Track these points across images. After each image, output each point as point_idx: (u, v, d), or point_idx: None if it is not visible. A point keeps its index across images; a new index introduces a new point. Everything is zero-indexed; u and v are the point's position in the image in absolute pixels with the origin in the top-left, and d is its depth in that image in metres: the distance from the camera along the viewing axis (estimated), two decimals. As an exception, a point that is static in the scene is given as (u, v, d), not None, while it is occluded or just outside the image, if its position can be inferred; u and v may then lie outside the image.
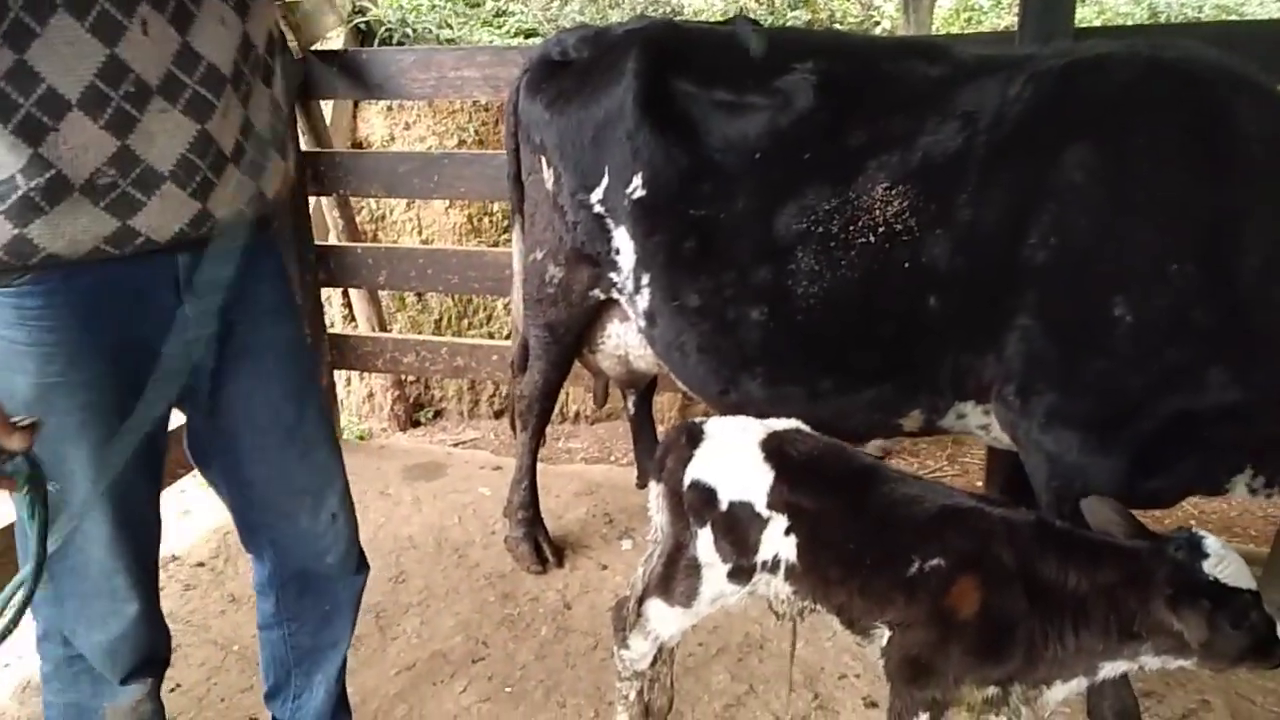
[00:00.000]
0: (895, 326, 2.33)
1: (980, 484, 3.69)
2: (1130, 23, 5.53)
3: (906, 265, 2.26)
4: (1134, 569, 1.73)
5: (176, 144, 1.54)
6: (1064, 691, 1.86)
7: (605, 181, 2.57)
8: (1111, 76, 2.18)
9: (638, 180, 2.50)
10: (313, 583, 2.06)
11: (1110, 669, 1.82)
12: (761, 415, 2.24)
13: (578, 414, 5.15)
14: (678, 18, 6.01)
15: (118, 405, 1.62)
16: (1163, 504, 2.34)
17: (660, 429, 3.79)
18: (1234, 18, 5.44)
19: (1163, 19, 5.50)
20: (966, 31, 5.82)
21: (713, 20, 3.98)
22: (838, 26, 6.04)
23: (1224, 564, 1.67)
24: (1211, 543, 1.70)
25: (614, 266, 2.65)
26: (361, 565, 2.11)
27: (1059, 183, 2.13)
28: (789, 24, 5.93)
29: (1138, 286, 2.08)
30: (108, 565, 1.73)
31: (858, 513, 1.89)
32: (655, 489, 2.13)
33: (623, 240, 2.59)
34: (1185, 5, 5.62)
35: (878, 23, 5.92)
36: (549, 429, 3.47)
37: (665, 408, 4.73)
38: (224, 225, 1.65)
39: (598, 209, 2.61)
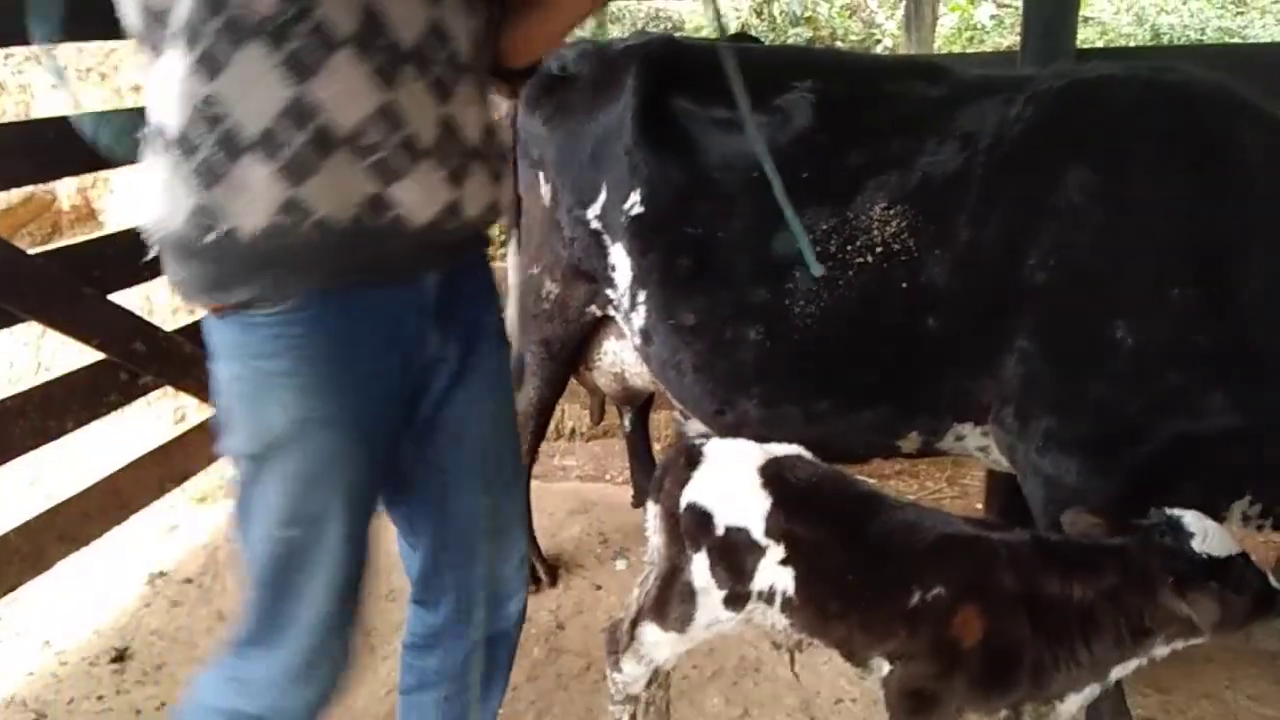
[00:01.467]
0: (893, 347, 2.31)
1: (980, 506, 3.66)
2: (1133, 44, 5.54)
3: (905, 286, 2.24)
4: (1131, 566, 1.73)
5: (430, 120, 1.42)
6: (1078, 701, 1.86)
7: (603, 198, 2.56)
8: (1111, 99, 2.17)
9: (635, 197, 2.48)
10: (490, 637, 1.83)
11: (1122, 670, 1.81)
12: (758, 436, 2.22)
13: (573, 430, 5.10)
14: (678, 34, 6.04)
15: (368, 441, 1.50)
16: None
17: (657, 447, 3.76)
18: (1236, 40, 5.45)
19: (1165, 40, 5.51)
20: (969, 51, 5.82)
21: (713, 37, 3.97)
22: (839, 44, 6.04)
23: (1208, 536, 1.69)
24: (1190, 518, 1.72)
25: (610, 283, 2.63)
26: (522, 618, 1.90)
27: (1058, 204, 2.12)
28: (790, 41, 5.93)
29: (1137, 309, 2.07)
30: (340, 616, 1.57)
31: (856, 543, 1.86)
32: (652, 510, 2.10)
33: (619, 257, 2.57)
34: (1188, 27, 5.62)
35: (879, 41, 5.93)
36: (544, 446, 3.44)
37: (662, 425, 4.70)
38: (470, 228, 1.54)
39: (595, 225, 2.59)
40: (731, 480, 1.94)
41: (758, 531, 1.88)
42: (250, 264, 1.34)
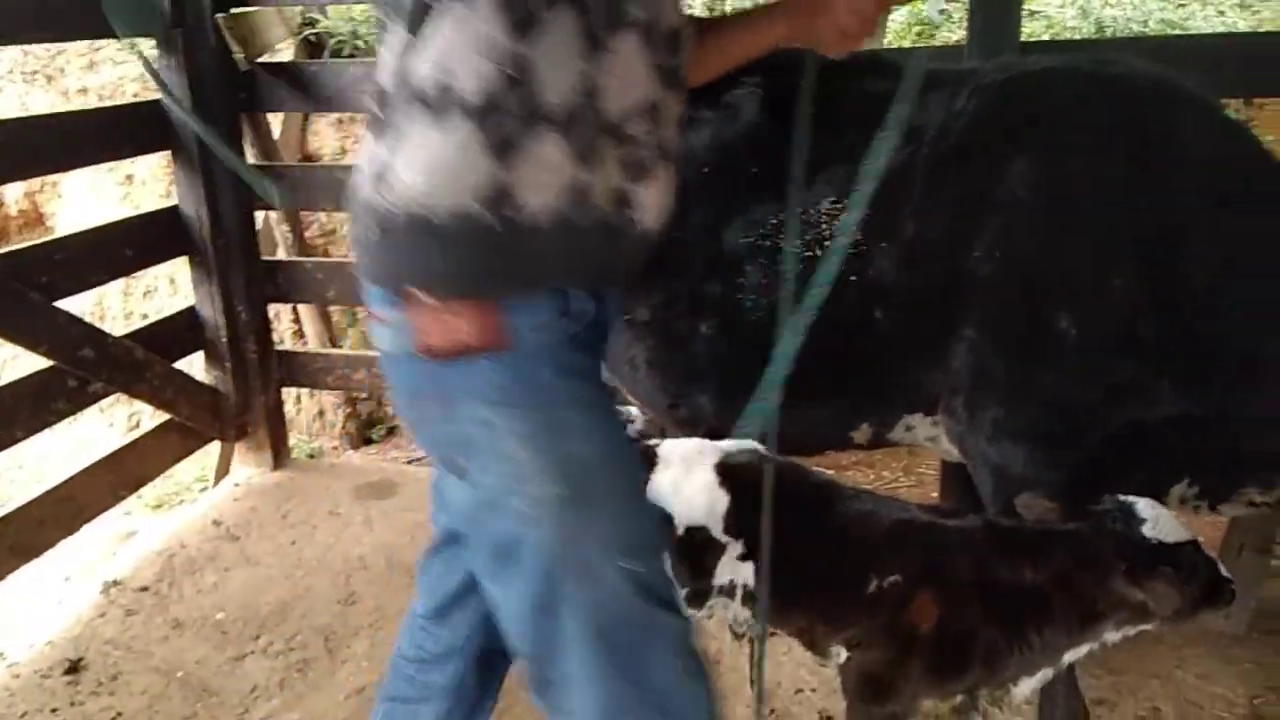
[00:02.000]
0: (844, 340, 2.32)
1: (935, 495, 3.71)
2: (1078, 37, 5.62)
3: (854, 279, 2.25)
4: (1083, 551, 1.76)
5: (673, 123, 1.37)
6: (1031, 685, 1.89)
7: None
8: (1053, 91, 2.20)
9: (588, 194, 2.48)
10: (494, 650, 1.77)
11: (1074, 654, 1.84)
12: (712, 430, 2.23)
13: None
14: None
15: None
16: None
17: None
18: (1177, 33, 5.56)
19: (1109, 33, 5.61)
20: (918, 45, 5.88)
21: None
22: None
23: (1159, 523, 1.73)
24: (1142, 505, 1.76)
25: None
26: None
27: (1003, 197, 2.14)
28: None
29: (1082, 300, 2.10)
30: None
31: (815, 534, 1.88)
32: None
33: (573, 255, 2.56)
34: (1131, 20, 5.73)
35: (831, 36, 5.96)
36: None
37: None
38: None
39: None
40: (688, 480, 1.95)
41: (717, 530, 1.90)
42: (535, 254, 1.23)
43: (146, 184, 5.29)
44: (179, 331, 3.81)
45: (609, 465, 1.32)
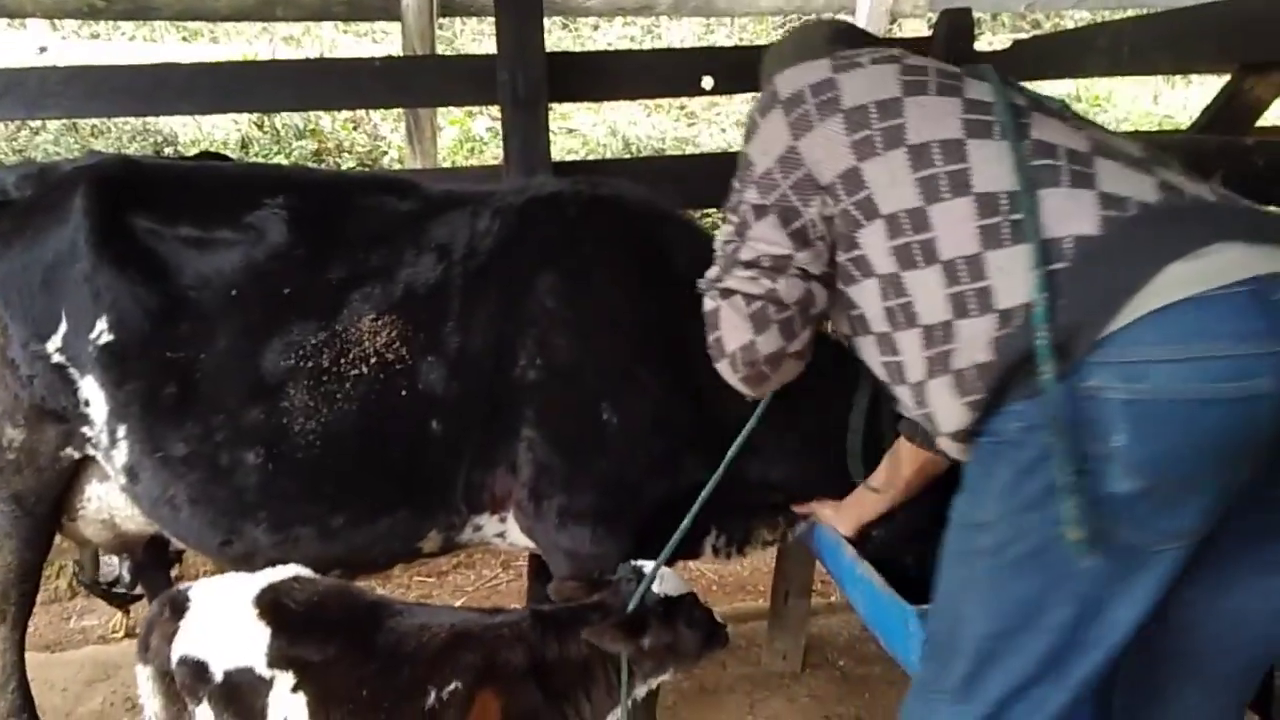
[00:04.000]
0: (402, 453, 2.34)
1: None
2: (608, 154, 6.28)
3: (404, 393, 2.30)
4: (608, 618, 1.91)
5: None
6: None
7: (64, 328, 2.32)
8: (564, 211, 2.44)
9: (102, 324, 2.29)
10: None
11: (618, 713, 1.97)
12: (271, 561, 2.14)
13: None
14: (168, 147, 5.72)
15: None
16: None
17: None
18: (690, 149, 6.42)
19: (634, 150, 6.33)
20: (470, 161, 6.21)
21: (190, 155, 3.85)
22: (346, 156, 6.12)
23: (665, 581, 1.95)
24: (649, 567, 1.95)
25: (85, 420, 2.38)
26: None
27: (535, 309, 2.32)
28: (295, 154, 5.89)
29: (617, 393, 2.32)
30: None
31: (367, 655, 1.85)
32: (143, 673, 1.91)
33: (92, 391, 2.34)
34: (651, 137, 6.52)
35: (385, 152, 6.10)
36: (57, 608, 2.99)
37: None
38: None
39: (57, 359, 2.34)
40: (224, 619, 1.83)
41: (261, 666, 1.79)
42: None
43: None
44: None
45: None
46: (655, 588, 1.92)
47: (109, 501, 2.60)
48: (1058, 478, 1.37)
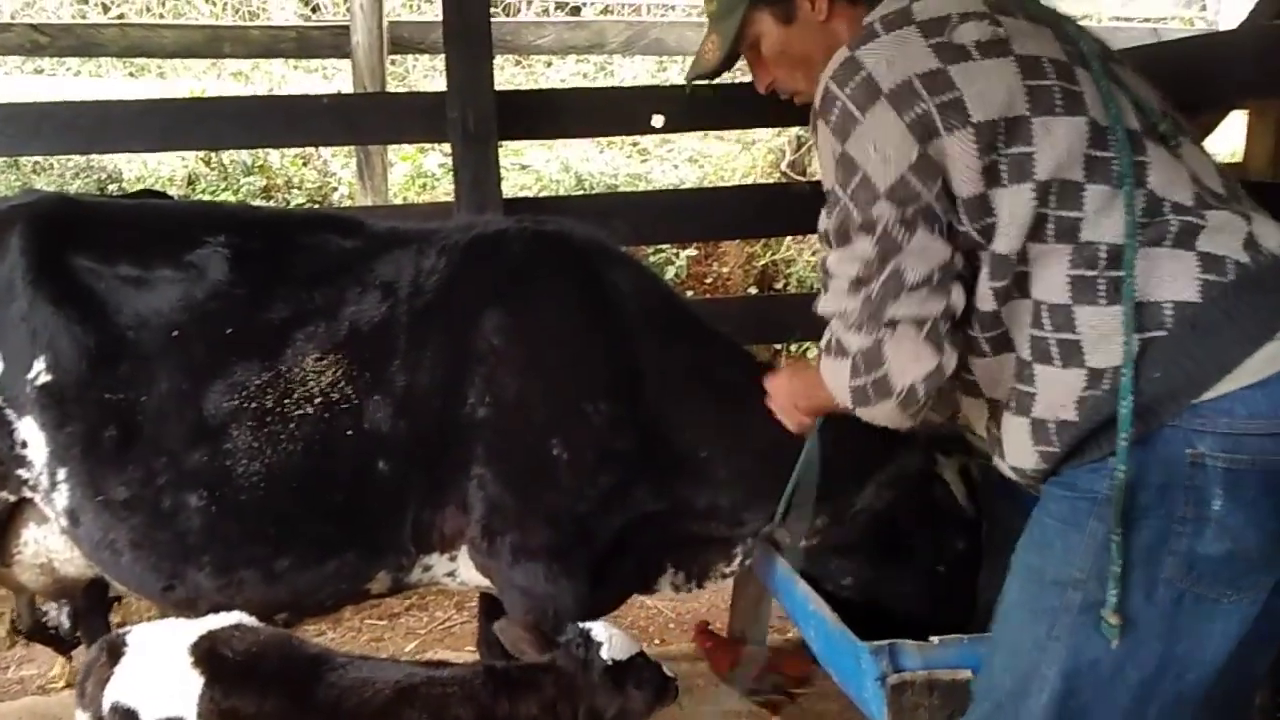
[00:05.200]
0: (348, 494, 2.32)
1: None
2: (561, 190, 6.30)
3: (350, 433, 2.28)
4: (561, 680, 1.92)
5: None
6: None
7: (1, 369, 2.28)
8: (509, 249, 2.45)
9: (40, 364, 2.25)
10: None
11: None
12: (215, 606, 2.12)
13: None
14: (113, 184, 5.63)
15: None
16: (607, 610, 2.57)
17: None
18: (642, 184, 6.46)
19: (587, 186, 6.36)
20: (422, 197, 6.18)
21: (131, 192, 3.81)
22: (295, 191, 6.07)
23: (612, 643, 1.93)
24: (598, 629, 1.96)
25: (22, 463, 2.33)
26: None
27: (482, 347, 2.33)
28: (243, 190, 5.83)
29: (566, 428, 2.32)
30: None
31: (305, 711, 1.82)
32: (80, 719, 1.86)
33: (30, 432, 2.30)
34: (604, 173, 6.56)
35: (335, 189, 6.06)
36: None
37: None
38: None
39: (-6, 400, 2.30)
40: (157, 667, 1.80)
41: (191, 717, 1.75)
42: None
43: None
44: None
45: None
46: (604, 653, 1.91)
47: (47, 545, 2.54)
48: (1146, 540, 1.43)
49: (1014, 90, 1.51)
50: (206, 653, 1.83)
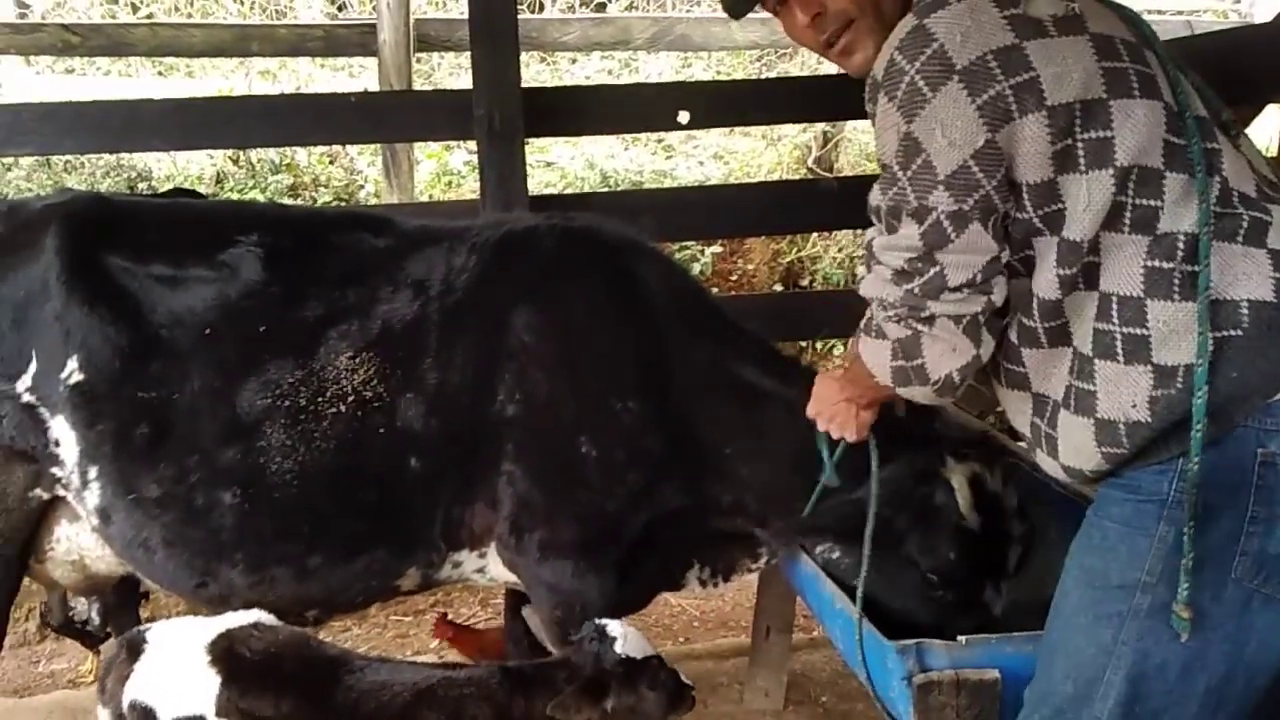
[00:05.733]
0: (380, 491, 2.33)
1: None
2: (586, 188, 6.28)
3: (382, 431, 2.29)
4: (576, 677, 1.91)
5: None
6: None
7: (34, 367, 2.30)
8: (539, 246, 2.45)
9: (73, 364, 2.27)
10: None
11: None
12: (248, 603, 2.13)
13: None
14: (143, 184, 5.67)
15: None
16: (636, 607, 2.58)
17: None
18: (668, 181, 6.44)
19: (612, 183, 6.35)
20: (448, 195, 6.19)
21: (162, 191, 3.83)
22: (321, 189, 6.09)
23: (627, 641, 1.91)
24: (613, 626, 1.94)
25: (55, 461, 2.35)
26: None
27: (513, 344, 2.33)
28: (271, 188, 5.86)
29: (596, 425, 2.32)
30: None
31: (323, 712, 1.82)
32: (102, 715, 1.87)
33: (62, 431, 2.31)
34: (629, 170, 6.55)
35: (362, 187, 6.08)
36: (25, 651, 2.93)
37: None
38: None
39: (27, 398, 2.31)
40: (176, 665, 1.80)
41: (210, 716, 1.76)
42: None
43: None
44: None
45: None
46: (618, 648, 1.90)
47: (79, 543, 2.56)
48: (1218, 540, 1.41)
49: (1090, 71, 1.45)
50: (224, 652, 1.84)
